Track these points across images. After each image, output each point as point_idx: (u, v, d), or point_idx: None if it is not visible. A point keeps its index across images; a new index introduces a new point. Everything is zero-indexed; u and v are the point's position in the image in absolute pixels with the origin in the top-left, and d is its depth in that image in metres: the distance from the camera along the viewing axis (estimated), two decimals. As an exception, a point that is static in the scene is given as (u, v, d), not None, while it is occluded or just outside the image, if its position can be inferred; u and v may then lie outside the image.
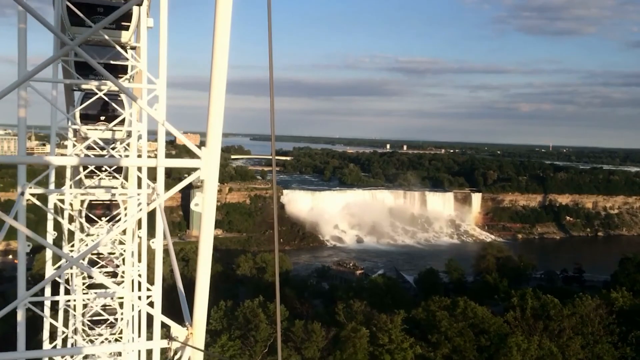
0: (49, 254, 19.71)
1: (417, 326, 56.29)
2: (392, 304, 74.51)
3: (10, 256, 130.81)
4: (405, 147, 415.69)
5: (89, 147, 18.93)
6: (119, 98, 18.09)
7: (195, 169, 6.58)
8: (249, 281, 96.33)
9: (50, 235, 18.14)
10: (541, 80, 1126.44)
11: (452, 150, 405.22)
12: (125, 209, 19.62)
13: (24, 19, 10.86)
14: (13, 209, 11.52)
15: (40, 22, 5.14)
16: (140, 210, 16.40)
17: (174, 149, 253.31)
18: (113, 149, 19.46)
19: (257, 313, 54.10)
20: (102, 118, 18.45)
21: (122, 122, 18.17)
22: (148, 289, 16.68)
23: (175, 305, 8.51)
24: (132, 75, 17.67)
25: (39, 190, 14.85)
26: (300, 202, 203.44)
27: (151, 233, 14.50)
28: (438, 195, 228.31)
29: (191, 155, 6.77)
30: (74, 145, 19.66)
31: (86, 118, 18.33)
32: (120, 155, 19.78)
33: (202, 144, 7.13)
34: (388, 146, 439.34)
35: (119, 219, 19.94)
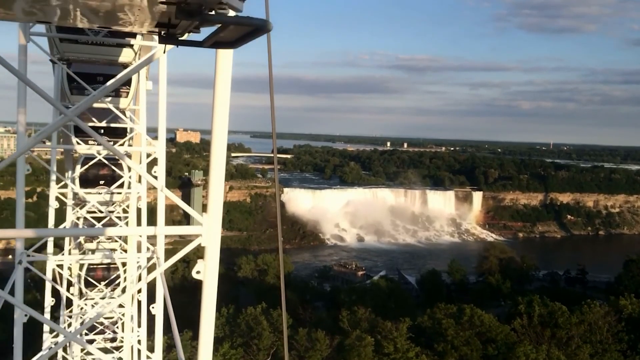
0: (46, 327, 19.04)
1: (422, 334, 55.42)
2: (396, 307, 73.80)
3: (10, 256, 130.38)
4: (405, 145, 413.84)
5: (88, 210, 18.99)
6: (119, 161, 17.91)
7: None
8: (250, 283, 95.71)
9: (49, 303, 17.50)
10: (542, 77, 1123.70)
11: (452, 148, 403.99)
12: (125, 271, 19.08)
13: (23, 91, 10.77)
14: (10, 279, 10.77)
15: (39, 94, 5.08)
16: (140, 275, 16.06)
17: (174, 146, 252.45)
18: (112, 211, 19.19)
19: (260, 320, 53.23)
20: (102, 182, 18.27)
21: (121, 184, 18.06)
22: (148, 357, 15.77)
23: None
24: (131, 137, 17.53)
25: (38, 259, 14.17)
26: (301, 201, 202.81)
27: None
28: (439, 194, 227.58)
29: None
30: (73, 209, 19.26)
31: (85, 182, 18.16)
32: (119, 218, 19.64)
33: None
34: (388, 144, 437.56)
35: (119, 283, 19.42)
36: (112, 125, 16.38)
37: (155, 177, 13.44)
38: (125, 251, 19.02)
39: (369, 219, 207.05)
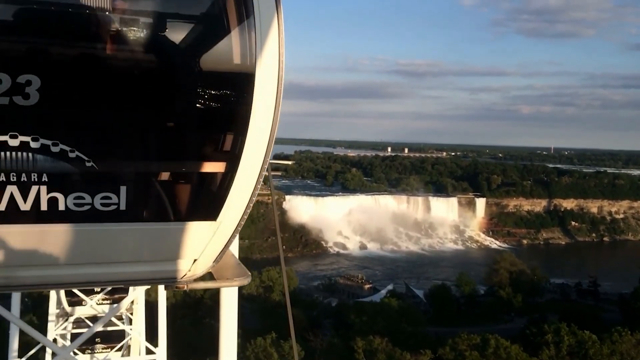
0: None
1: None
2: (408, 324, 70.96)
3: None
4: (406, 150, 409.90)
5: None
6: None
7: None
8: (254, 300, 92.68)
9: None
10: (541, 82, 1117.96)
11: (453, 153, 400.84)
12: None
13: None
14: None
15: (34, 337, 4.96)
16: None
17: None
18: None
19: (270, 353, 49.99)
20: None
21: None
22: None
23: None
24: (129, 339, 15.38)
25: None
26: (303, 208, 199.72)
27: None
28: (442, 201, 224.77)
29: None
30: None
31: None
32: None
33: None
34: (389, 149, 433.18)
35: None
36: (109, 329, 14.52)
37: None
38: None
39: (372, 226, 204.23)
